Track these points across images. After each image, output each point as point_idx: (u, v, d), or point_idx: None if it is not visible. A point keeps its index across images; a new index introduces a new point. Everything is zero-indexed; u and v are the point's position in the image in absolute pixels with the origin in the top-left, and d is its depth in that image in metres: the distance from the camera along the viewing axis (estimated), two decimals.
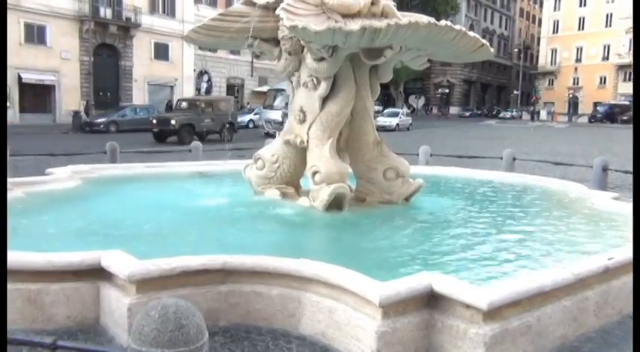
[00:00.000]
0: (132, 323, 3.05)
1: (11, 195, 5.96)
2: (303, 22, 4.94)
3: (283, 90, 29.34)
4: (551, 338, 3.32)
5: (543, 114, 67.69)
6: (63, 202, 6.00)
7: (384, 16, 5.54)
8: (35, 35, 31.63)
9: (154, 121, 23.80)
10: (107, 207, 5.80)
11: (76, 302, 3.43)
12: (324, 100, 5.90)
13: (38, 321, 3.38)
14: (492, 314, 2.95)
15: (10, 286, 3.39)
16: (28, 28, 31.23)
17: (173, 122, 22.89)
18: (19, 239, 4.35)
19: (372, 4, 5.55)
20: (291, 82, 6.31)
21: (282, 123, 26.31)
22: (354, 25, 5.00)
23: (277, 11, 5.15)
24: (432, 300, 3.15)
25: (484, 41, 5.88)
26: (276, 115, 27.62)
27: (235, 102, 28.82)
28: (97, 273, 3.45)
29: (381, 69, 6.21)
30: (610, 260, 3.74)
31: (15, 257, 3.42)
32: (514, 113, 68.67)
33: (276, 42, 6.13)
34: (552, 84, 75.21)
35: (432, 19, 5.39)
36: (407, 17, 5.41)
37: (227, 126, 24.75)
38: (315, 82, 5.89)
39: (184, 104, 25.35)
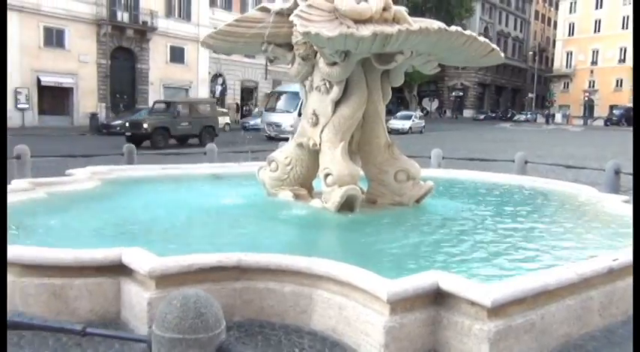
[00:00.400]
0: (152, 316, 3.24)
1: (34, 195, 6.20)
2: (317, 27, 5.07)
3: (286, 92, 29.03)
4: (555, 336, 3.41)
5: (558, 118, 67.20)
6: (83, 202, 6.20)
7: (396, 21, 5.64)
8: (54, 39, 32.22)
9: (127, 124, 22.76)
10: (126, 207, 5.99)
11: (98, 297, 3.60)
12: (337, 104, 6.02)
13: (63, 314, 3.55)
14: (496, 311, 3.06)
15: (36, 281, 3.59)
16: (47, 31, 31.83)
17: (145, 125, 21.81)
18: (44, 236, 4.56)
19: (384, 9, 5.64)
20: (304, 86, 6.43)
21: (279, 126, 26.14)
22: (366, 31, 5.12)
23: (291, 17, 5.29)
24: (438, 298, 3.26)
25: (494, 46, 5.98)
26: (278, 118, 27.00)
27: (214, 104, 27.43)
28: (118, 269, 3.60)
29: (392, 73, 6.31)
30: (615, 261, 3.82)
31: (41, 253, 3.61)
32: (529, 116, 68.30)
33: (289, 47, 6.26)
34: (568, 87, 74.65)
35: (443, 25, 5.48)
36: (418, 23, 5.51)
37: (206, 129, 23.84)
38: (328, 86, 6.01)
39: (161, 106, 24.24)
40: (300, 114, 28.73)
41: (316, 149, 6.11)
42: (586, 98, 70.25)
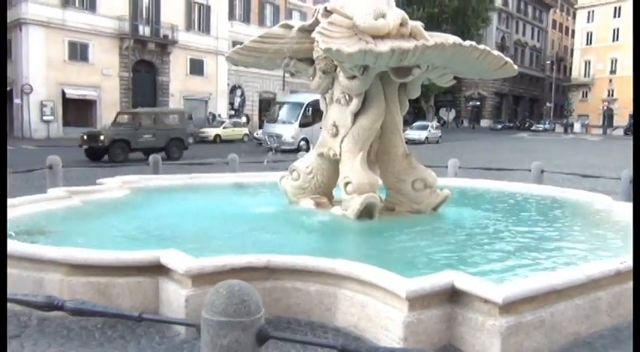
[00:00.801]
0: (189, 312, 3.54)
1: (70, 202, 6.60)
2: (337, 44, 5.37)
3: (287, 102, 28.69)
4: (564, 334, 3.63)
5: (577, 127, 66.74)
6: (117, 209, 6.57)
7: (412, 36, 5.91)
8: (78, 53, 33.22)
9: (85, 137, 20.81)
10: (156, 214, 6.33)
11: (138, 294, 3.91)
12: (356, 115, 6.29)
13: None
14: (508, 308, 3.30)
15: (82, 279, 3.93)
16: (72, 46, 32.83)
17: (102, 138, 20.24)
18: (85, 240, 4.90)
19: (401, 25, 5.91)
20: (325, 99, 6.74)
21: (280, 137, 25.86)
22: (384, 47, 5.40)
23: (313, 34, 5.60)
24: (453, 296, 3.50)
25: (507, 59, 6.22)
26: (279, 129, 26.26)
27: (186, 115, 24.96)
28: (157, 269, 3.91)
29: (409, 86, 6.57)
30: (622, 264, 4.02)
31: (89, 254, 3.94)
32: (547, 126, 67.92)
33: (310, 61, 6.56)
34: (586, 96, 74.11)
35: (458, 40, 5.75)
36: (434, 38, 5.78)
37: (174, 141, 22.01)
38: (348, 98, 6.30)
39: (125, 118, 22.59)
40: (300, 125, 28.41)
41: (336, 159, 6.38)
42: (605, 107, 69.66)
